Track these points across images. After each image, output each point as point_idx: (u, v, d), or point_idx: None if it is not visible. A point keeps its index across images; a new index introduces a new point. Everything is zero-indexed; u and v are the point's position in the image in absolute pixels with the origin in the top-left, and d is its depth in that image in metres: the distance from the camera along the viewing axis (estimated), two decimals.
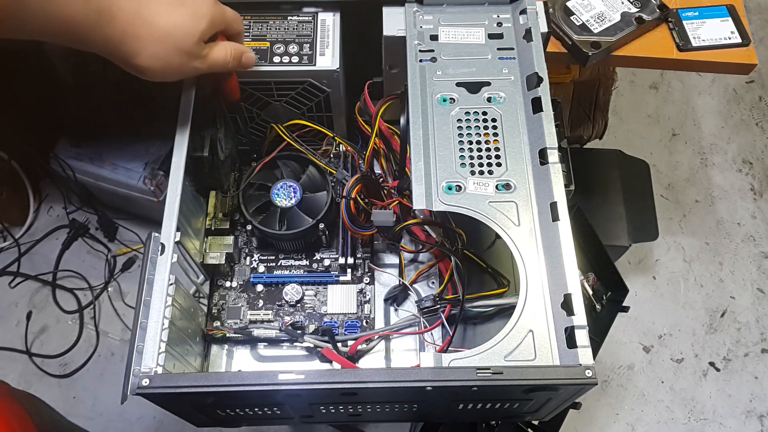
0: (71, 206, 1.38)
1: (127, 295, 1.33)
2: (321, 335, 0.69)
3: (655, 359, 1.32)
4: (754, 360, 1.33)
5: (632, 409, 1.28)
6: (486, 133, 0.63)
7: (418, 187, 0.59)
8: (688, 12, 0.85)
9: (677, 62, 0.83)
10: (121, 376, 0.53)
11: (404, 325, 0.72)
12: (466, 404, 0.60)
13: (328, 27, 0.72)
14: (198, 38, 0.57)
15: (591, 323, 0.53)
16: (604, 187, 1.18)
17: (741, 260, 1.43)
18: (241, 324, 0.72)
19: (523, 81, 0.65)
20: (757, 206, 1.49)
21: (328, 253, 0.76)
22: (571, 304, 0.53)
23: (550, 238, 0.57)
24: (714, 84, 1.65)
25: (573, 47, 0.81)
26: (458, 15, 0.70)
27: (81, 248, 1.37)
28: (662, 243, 1.43)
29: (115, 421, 1.23)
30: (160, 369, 0.53)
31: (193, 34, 0.57)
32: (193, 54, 0.58)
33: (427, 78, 0.66)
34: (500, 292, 0.71)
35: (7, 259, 1.34)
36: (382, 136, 0.74)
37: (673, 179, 1.52)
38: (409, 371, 0.51)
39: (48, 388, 1.25)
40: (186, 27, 0.56)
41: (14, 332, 1.29)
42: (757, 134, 1.59)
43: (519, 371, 0.51)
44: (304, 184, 0.74)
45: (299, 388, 0.50)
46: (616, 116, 1.58)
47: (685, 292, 1.39)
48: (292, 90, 0.73)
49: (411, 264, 0.76)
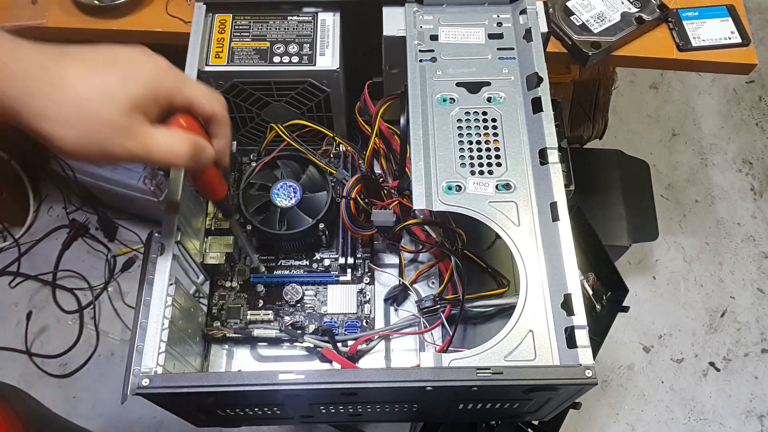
0: (71, 206, 1.39)
1: (127, 295, 1.33)
2: (321, 335, 0.69)
3: (655, 359, 1.32)
4: (754, 360, 1.33)
5: (632, 409, 1.28)
6: (486, 133, 0.63)
7: (418, 187, 0.59)
8: (688, 12, 0.85)
9: (677, 62, 0.83)
10: (121, 376, 0.53)
11: (404, 325, 0.72)
12: (466, 404, 0.60)
13: (328, 27, 0.72)
14: (126, 107, 0.43)
15: (591, 323, 0.53)
16: (604, 187, 1.18)
17: (741, 260, 1.43)
18: (241, 324, 0.72)
19: (523, 81, 0.65)
20: (757, 206, 1.49)
21: (328, 253, 0.76)
22: (571, 304, 0.53)
23: (550, 238, 0.57)
24: (714, 84, 1.65)
25: (573, 47, 0.81)
26: (458, 15, 0.70)
27: (81, 248, 1.37)
28: (662, 243, 1.43)
29: (115, 421, 1.23)
30: (160, 369, 0.53)
31: (119, 101, 0.43)
32: (120, 128, 0.43)
33: (427, 78, 0.66)
34: (500, 292, 0.71)
35: (7, 259, 1.35)
36: (382, 136, 0.74)
37: (673, 179, 1.52)
38: (409, 371, 0.51)
39: (48, 388, 1.25)
40: (111, 91, 0.43)
41: (14, 332, 1.29)
42: (757, 134, 1.59)
43: (519, 371, 0.51)
44: (304, 184, 0.74)
45: (299, 388, 0.50)
46: (616, 116, 1.58)
47: (685, 292, 1.39)
48: (292, 90, 0.73)
49: (411, 264, 0.76)
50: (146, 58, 0.46)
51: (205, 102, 0.49)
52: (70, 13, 0.86)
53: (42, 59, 0.42)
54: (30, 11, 0.86)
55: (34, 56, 0.42)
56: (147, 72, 0.45)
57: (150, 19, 0.86)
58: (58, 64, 0.43)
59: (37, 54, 0.42)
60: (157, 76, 0.46)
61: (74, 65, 0.43)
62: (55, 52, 0.43)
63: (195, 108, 0.49)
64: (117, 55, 0.45)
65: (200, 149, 0.48)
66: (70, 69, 0.43)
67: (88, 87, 0.43)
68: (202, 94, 0.49)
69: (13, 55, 0.41)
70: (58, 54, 0.43)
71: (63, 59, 0.43)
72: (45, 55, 0.43)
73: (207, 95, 0.49)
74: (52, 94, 0.42)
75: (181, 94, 0.47)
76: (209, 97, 0.49)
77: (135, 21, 0.86)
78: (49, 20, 0.86)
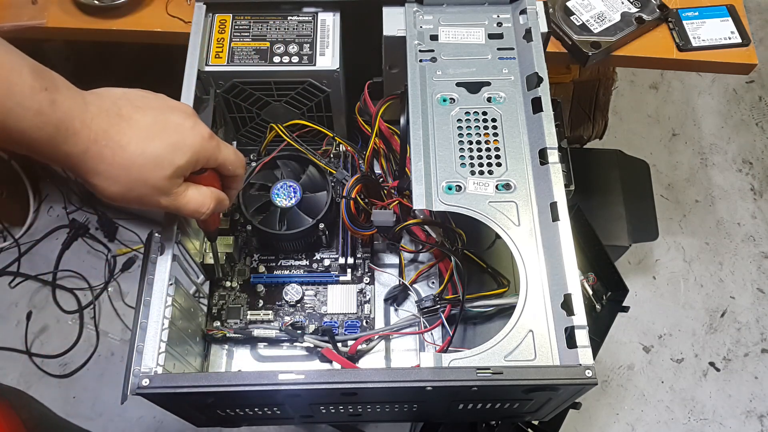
0: (71, 206, 1.39)
1: (127, 295, 1.33)
2: (321, 335, 0.69)
3: (655, 359, 1.32)
4: (754, 360, 1.33)
5: (632, 409, 1.28)
6: (486, 133, 0.63)
7: (418, 187, 0.59)
8: (688, 12, 0.85)
9: (677, 62, 0.83)
10: (121, 376, 0.53)
11: (404, 325, 0.72)
12: (466, 404, 0.60)
13: (328, 27, 0.72)
14: (171, 174, 0.49)
15: (591, 323, 0.53)
16: (604, 187, 1.18)
17: (741, 260, 1.43)
18: (241, 324, 0.72)
19: (523, 81, 0.65)
20: (757, 206, 1.49)
21: (328, 253, 0.76)
22: (571, 304, 0.53)
23: (550, 238, 0.57)
24: (714, 84, 1.65)
25: (573, 47, 0.81)
26: (458, 15, 0.70)
27: (81, 248, 1.37)
28: (662, 243, 1.43)
29: (115, 421, 1.23)
30: (160, 369, 0.53)
31: (165, 168, 0.49)
32: (160, 190, 0.50)
33: (427, 78, 0.66)
34: (500, 292, 0.71)
35: (7, 259, 1.35)
36: (382, 136, 0.74)
37: (673, 179, 1.52)
38: (409, 371, 0.51)
39: (48, 388, 1.25)
40: (159, 159, 0.49)
41: (14, 332, 1.29)
42: (757, 134, 1.59)
43: (519, 371, 0.51)
44: (304, 184, 0.74)
45: (299, 388, 0.50)
46: (616, 116, 1.59)
47: (685, 292, 1.39)
48: (292, 90, 0.73)
49: (411, 264, 0.76)
50: (191, 125, 0.51)
51: (231, 167, 0.55)
52: (70, 13, 0.86)
53: (105, 124, 0.47)
54: (30, 11, 0.86)
55: (99, 122, 0.47)
56: (192, 142, 0.50)
57: (150, 19, 0.86)
58: (117, 128, 0.48)
59: (100, 119, 0.47)
60: (201, 146, 0.51)
61: (131, 131, 0.48)
62: (114, 115, 0.48)
63: (222, 171, 0.55)
64: (168, 122, 0.50)
65: (220, 203, 0.55)
66: (128, 134, 0.48)
67: (140, 153, 0.48)
68: (231, 162, 0.55)
69: (81, 119, 0.46)
70: (116, 117, 0.48)
71: (121, 123, 0.48)
72: (107, 119, 0.47)
73: (235, 162, 0.56)
74: (110, 158, 0.47)
75: (216, 161, 0.53)
76: (237, 163, 0.56)
77: (135, 21, 0.86)
78: (49, 20, 0.86)
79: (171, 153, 0.49)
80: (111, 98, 0.49)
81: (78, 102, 0.46)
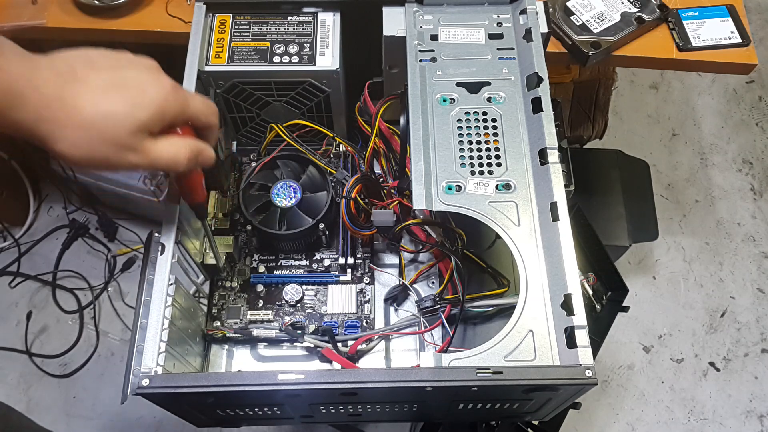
0: (71, 206, 1.39)
1: (127, 295, 1.33)
2: (321, 335, 0.69)
3: (655, 359, 1.32)
4: (754, 360, 1.33)
5: (632, 409, 1.28)
6: (486, 133, 0.63)
7: (418, 187, 0.59)
8: (688, 12, 0.85)
9: (677, 62, 0.84)
10: (121, 376, 0.53)
11: (404, 325, 0.72)
12: (466, 404, 0.60)
13: (328, 27, 0.72)
14: (133, 129, 0.47)
15: (591, 323, 0.53)
16: (604, 187, 1.18)
17: (741, 260, 1.43)
18: (241, 324, 0.72)
19: (523, 81, 0.65)
20: (757, 206, 1.49)
21: (328, 253, 0.76)
22: (571, 304, 0.53)
23: (550, 238, 0.57)
24: (714, 84, 1.65)
25: (573, 47, 0.81)
26: (458, 15, 0.70)
27: (81, 248, 1.37)
28: (662, 243, 1.43)
29: (115, 421, 1.23)
30: (160, 369, 0.53)
31: (125, 124, 0.46)
32: (126, 146, 0.47)
33: (427, 78, 0.66)
34: (500, 292, 0.71)
35: (7, 259, 1.35)
36: (382, 136, 0.74)
37: (673, 179, 1.52)
38: (409, 371, 0.51)
39: (48, 388, 1.25)
40: (118, 116, 0.46)
41: (14, 332, 1.29)
42: (757, 134, 1.59)
43: (519, 371, 0.51)
44: (304, 184, 0.74)
45: (299, 388, 0.50)
46: (616, 116, 1.59)
47: (685, 292, 1.39)
48: (292, 90, 0.73)
49: (411, 264, 0.76)
50: (154, 80, 0.49)
51: (203, 117, 0.52)
52: (70, 13, 0.86)
53: (56, 88, 0.45)
54: (30, 11, 0.86)
55: (50, 85, 0.45)
56: (154, 97, 0.48)
57: (150, 19, 0.86)
58: (70, 90, 0.45)
59: (52, 82, 0.45)
60: (164, 100, 0.48)
61: (86, 91, 0.46)
62: (68, 77, 0.46)
63: (194, 123, 0.52)
64: (126, 78, 0.48)
65: (199, 152, 0.52)
66: (82, 95, 0.45)
67: (96, 113, 0.46)
68: (201, 112, 0.52)
69: (30, 84, 0.44)
70: (71, 78, 0.46)
71: (75, 85, 0.46)
72: (59, 82, 0.45)
73: (206, 111, 0.53)
74: (64, 120, 0.45)
75: (184, 114, 0.51)
76: (207, 112, 0.53)
77: (135, 21, 0.86)
78: (49, 20, 0.86)
79: (131, 108, 0.47)
80: (66, 60, 0.47)
81: (27, 66, 0.44)
